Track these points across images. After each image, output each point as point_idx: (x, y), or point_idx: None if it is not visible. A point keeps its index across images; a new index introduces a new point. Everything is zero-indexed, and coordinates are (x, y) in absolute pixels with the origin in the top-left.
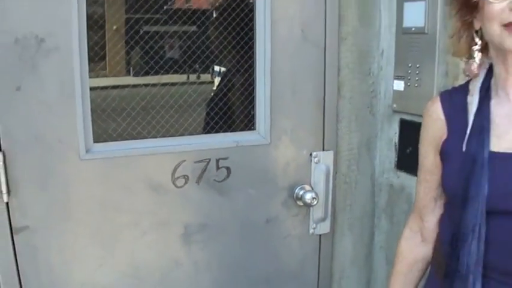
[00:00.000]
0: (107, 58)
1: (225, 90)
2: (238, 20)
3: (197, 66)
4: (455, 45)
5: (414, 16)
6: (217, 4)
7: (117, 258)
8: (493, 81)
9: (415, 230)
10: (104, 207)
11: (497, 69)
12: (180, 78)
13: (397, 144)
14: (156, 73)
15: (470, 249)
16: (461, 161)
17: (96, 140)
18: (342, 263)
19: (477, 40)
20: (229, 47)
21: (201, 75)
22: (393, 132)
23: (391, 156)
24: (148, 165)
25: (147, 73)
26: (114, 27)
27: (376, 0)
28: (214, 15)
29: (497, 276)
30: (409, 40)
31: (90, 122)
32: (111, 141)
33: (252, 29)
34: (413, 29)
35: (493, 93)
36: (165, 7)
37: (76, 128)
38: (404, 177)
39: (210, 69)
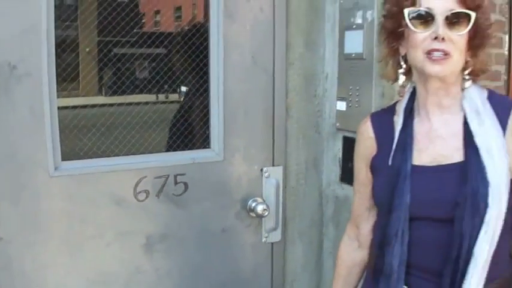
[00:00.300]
0: (80, 78)
1: (183, 111)
2: (196, 45)
3: (166, 86)
4: (383, 69)
5: (354, 43)
6: (179, 30)
7: (84, 266)
8: (416, 102)
9: (352, 237)
10: (72, 220)
11: (419, 91)
12: (150, 98)
13: (340, 159)
14: (127, 93)
15: (393, 252)
16: (387, 174)
17: (67, 156)
18: (294, 269)
19: (402, 64)
20: (189, 70)
21: (170, 95)
22: (337, 149)
23: (336, 170)
24: (112, 181)
25: (118, 93)
26: (87, 49)
27: (320, 28)
28: (176, 40)
29: (420, 274)
30: (349, 65)
31: (59, 141)
32: (82, 157)
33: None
34: (353, 55)
35: (415, 113)
36: (135, 30)
37: (46, 147)
38: (348, 189)
39: (178, 89)
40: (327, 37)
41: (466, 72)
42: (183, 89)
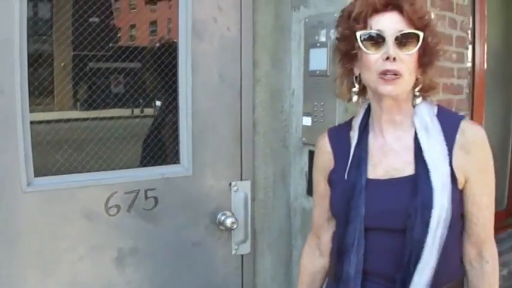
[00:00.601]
0: (55, 93)
1: (153, 127)
2: (165, 63)
3: (141, 100)
4: (338, 89)
5: (318, 61)
6: (150, 46)
7: (58, 280)
8: (370, 118)
9: (313, 246)
10: (45, 234)
11: (374, 108)
12: (125, 112)
13: (307, 172)
14: (102, 107)
15: (350, 261)
16: (343, 187)
17: (40, 172)
18: (263, 280)
19: (356, 84)
20: (159, 87)
21: (145, 109)
22: (304, 162)
23: (303, 183)
24: (84, 196)
25: (93, 107)
26: (62, 63)
27: (286, 46)
28: (147, 56)
29: (376, 280)
30: (314, 81)
31: (31, 158)
32: (54, 172)
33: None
34: (317, 71)
35: (370, 128)
36: (110, 44)
37: (19, 163)
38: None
39: (153, 104)
40: (293, 55)
41: (417, 89)
42: (158, 103)
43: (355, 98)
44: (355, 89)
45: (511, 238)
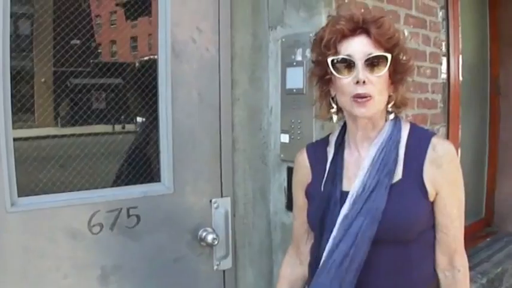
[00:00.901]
0: (35, 109)
1: (133, 146)
2: (146, 84)
3: (122, 117)
4: (317, 110)
5: (295, 79)
6: (132, 64)
7: None
8: (346, 135)
9: (293, 256)
10: (29, 253)
11: (350, 127)
12: (107, 128)
13: (286, 188)
14: (83, 124)
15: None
16: (320, 199)
17: (23, 190)
18: None
19: (333, 105)
20: (140, 106)
21: (127, 125)
22: (282, 179)
23: (282, 199)
24: (68, 215)
25: (74, 124)
26: (43, 79)
27: (264, 65)
28: (130, 75)
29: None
30: (291, 99)
31: (15, 177)
32: (37, 191)
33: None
34: (294, 90)
35: (346, 144)
36: (91, 60)
37: (2, 183)
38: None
39: (134, 120)
40: (270, 73)
41: (390, 105)
42: (139, 119)
43: (335, 118)
44: (334, 110)
45: (489, 247)
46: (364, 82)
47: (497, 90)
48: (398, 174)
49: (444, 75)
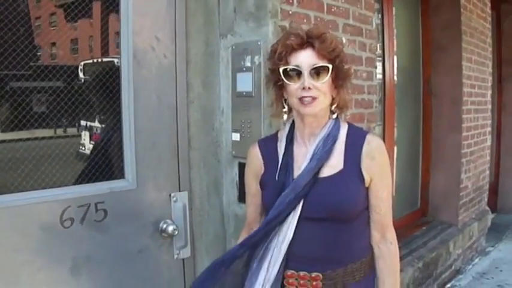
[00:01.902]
0: None
1: (101, 144)
2: (110, 89)
3: (64, 120)
4: (273, 111)
5: (244, 83)
6: (93, 69)
7: None
8: (295, 131)
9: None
10: (5, 248)
11: (298, 124)
12: (48, 132)
13: (237, 182)
14: (24, 128)
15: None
16: (275, 186)
17: None
18: None
19: (285, 106)
20: (105, 107)
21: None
22: (234, 173)
23: (234, 192)
24: (40, 211)
25: (15, 128)
26: None
27: (216, 70)
28: (82, 75)
29: (298, 259)
30: (241, 101)
31: None
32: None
33: None
34: (244, 93)
35: (295, 140)
36: (31, 63)
37: None
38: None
39: (77, 124)
40: (221, 78)
41: (333, 106)
42: (83, 123)
43: (285, 116)
44: (285, 109)
45: (424, 235)
46: (309, 88)
47: (429, 91)
48: (339, 165)
49: (380, 77)
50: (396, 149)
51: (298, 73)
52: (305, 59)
